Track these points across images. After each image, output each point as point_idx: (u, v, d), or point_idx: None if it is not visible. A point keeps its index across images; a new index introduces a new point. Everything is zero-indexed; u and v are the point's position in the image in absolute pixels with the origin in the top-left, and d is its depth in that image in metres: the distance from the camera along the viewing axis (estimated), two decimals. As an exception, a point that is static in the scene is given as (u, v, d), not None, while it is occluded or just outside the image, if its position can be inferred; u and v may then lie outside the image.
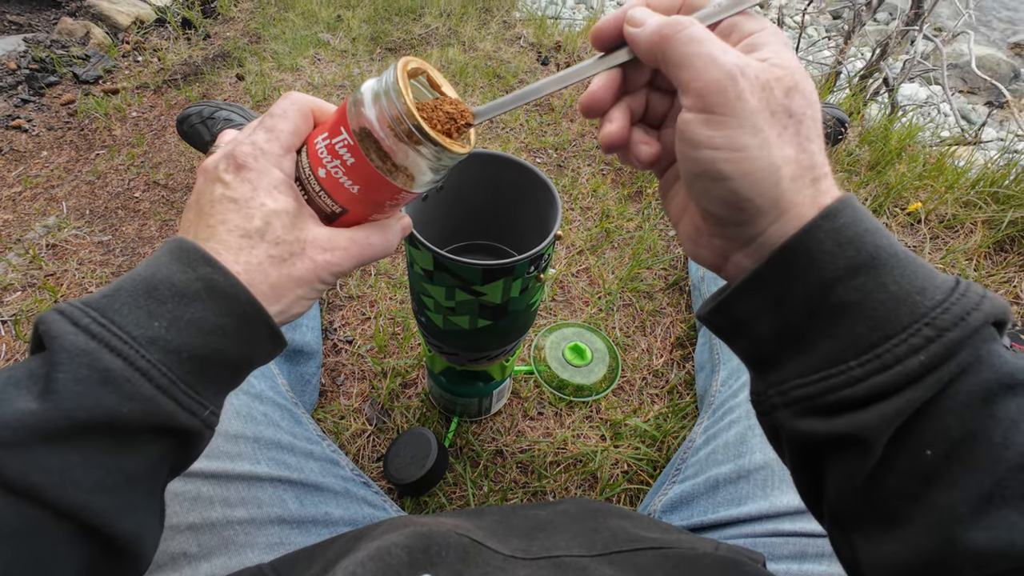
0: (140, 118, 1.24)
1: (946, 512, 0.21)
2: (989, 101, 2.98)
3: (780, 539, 0.47)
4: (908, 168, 1.13)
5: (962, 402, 0.21)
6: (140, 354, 0.24)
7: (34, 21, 1.52)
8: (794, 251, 0.23)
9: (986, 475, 0.20)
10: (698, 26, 0.24)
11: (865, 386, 0.22)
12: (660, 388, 0.81)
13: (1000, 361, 0.21)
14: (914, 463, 0.21)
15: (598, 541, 0.38)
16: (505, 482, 0.70)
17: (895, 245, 0.23)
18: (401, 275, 0.92)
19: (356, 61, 1.40)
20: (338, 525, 0.50)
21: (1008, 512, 0.19)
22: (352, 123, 0.28)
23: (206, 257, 0.27)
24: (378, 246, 0.32)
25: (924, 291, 0.22)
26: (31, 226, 0.99)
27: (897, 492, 0.22)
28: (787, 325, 0.24)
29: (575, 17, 1.99)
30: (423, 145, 0.28)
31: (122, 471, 0.24)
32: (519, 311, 0.49)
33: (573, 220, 1.04)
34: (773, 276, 0.24)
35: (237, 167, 0.29)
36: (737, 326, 0.27)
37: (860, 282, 0.22)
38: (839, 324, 0.23)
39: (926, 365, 0.21)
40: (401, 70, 0.28)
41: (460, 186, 0.50)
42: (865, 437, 0.22)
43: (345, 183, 0.30)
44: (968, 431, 0.21)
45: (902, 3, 1.90)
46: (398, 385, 0.78)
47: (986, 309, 0.21)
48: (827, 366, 0.23)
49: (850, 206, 0.23)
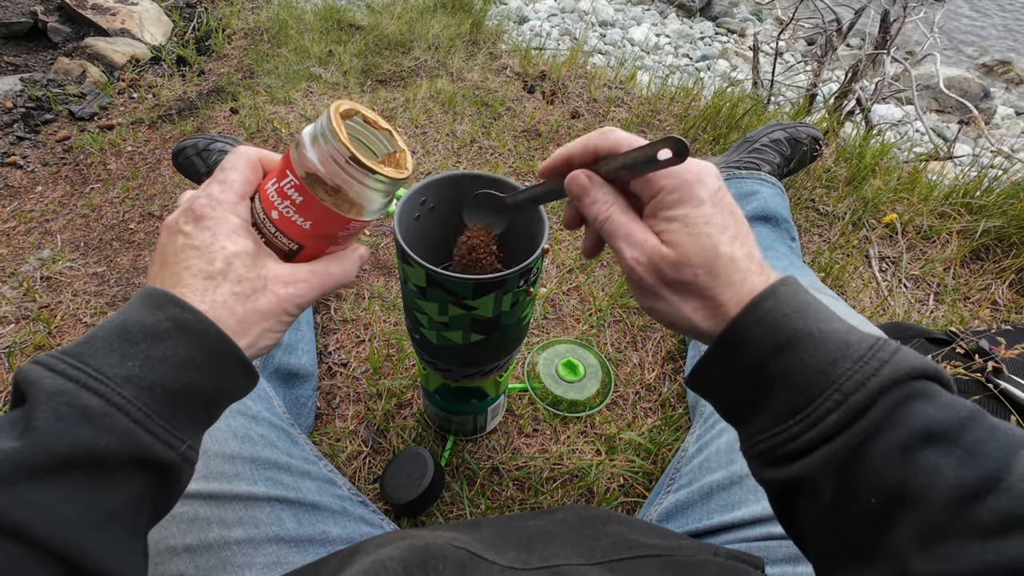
0: (135, 152, 1.26)
1: (897, 548, 0.24)
2: (961, 119, 3.08)
3: (775, 542, 0.48)
4: (883, 182, 1.17)
5: (887, 454, 0.25)
6: (116, 391, 0.25)
7: (31, 62, 1.56)
8: (730, 337, 0.30)
9: (922, 515, 0.23)
10: (614, 217, 0.33)
11: (802, 440, 0.27)
12: (653, 401, 0.82)
13: (916, 415, 0.25)
14: (864, 508, 0.25)
15: (597, 549, 0.38)
16: (502, 499, 0.70)
17: (812, 324, 0.28)
18: (394, 298, 0.94)
19: (348, 93, 1.44)
20: (336, 544, 0.50)
21: (946, 545, 0.23)
22: (296, 166, 0.32)
23: (174, 299, 0.28)
24: (337, 275, 0.35)
25: (836, 361, 0.27)
26: (25, 259, 1.00)
27: (858, 533, 0.26)
28: (743, 392, 0.30)
29: (559, 48, 2.07)
30: (361, 174, 0.31)
31: (103, 506, 0.25)
32: (511, 325, 0.50)
33: (563, 240, 1.06)
34: (720, 355, 0.31)
35: (196, 218, 0.31)
36: (709, 390, 0.33)
37: (783, 358, 0.28)
38: (776, 392, 0.28)
39: (840, 423, 0.26)
40: (334, 112, 0.31)
41: (451, 207, 0.52)
42: (812, 479, 0.27)
43: (297, 221, 0.33)
44: (898, 479, 0.24)
45: (871, 29, 1.99)
46: (393, 406, 0.79)
47: (885, 373, 0.26)
48: (775, 425, 0.28)
49: (772, 296, 0.29)
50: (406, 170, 0.34)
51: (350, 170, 0.31)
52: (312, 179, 0.31)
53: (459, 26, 1.71)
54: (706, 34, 3.69)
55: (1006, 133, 2.93)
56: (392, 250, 1.03)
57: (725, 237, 0.31)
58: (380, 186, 0.32)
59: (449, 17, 1.76)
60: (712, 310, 0.31)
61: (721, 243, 0.31)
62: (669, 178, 0.31)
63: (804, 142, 1.03)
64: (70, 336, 0.88)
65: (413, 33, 1.66)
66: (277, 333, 0.33)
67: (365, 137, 0.36)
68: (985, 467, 0.23)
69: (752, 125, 1.30)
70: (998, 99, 3.34)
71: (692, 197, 0.31)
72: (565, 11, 3.58)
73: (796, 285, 0.30)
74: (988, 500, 0.22)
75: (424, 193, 0.50)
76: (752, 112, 1.34)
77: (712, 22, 3.86)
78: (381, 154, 0.36)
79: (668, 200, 0.32)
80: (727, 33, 3.82)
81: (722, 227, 0.31)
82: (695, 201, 0.31)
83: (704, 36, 3.67)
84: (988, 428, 0.24)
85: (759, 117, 1.36)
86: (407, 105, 1.39)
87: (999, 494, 0.22)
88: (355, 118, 0.34)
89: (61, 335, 0.88)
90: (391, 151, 0.36)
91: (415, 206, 0.50)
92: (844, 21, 1.94)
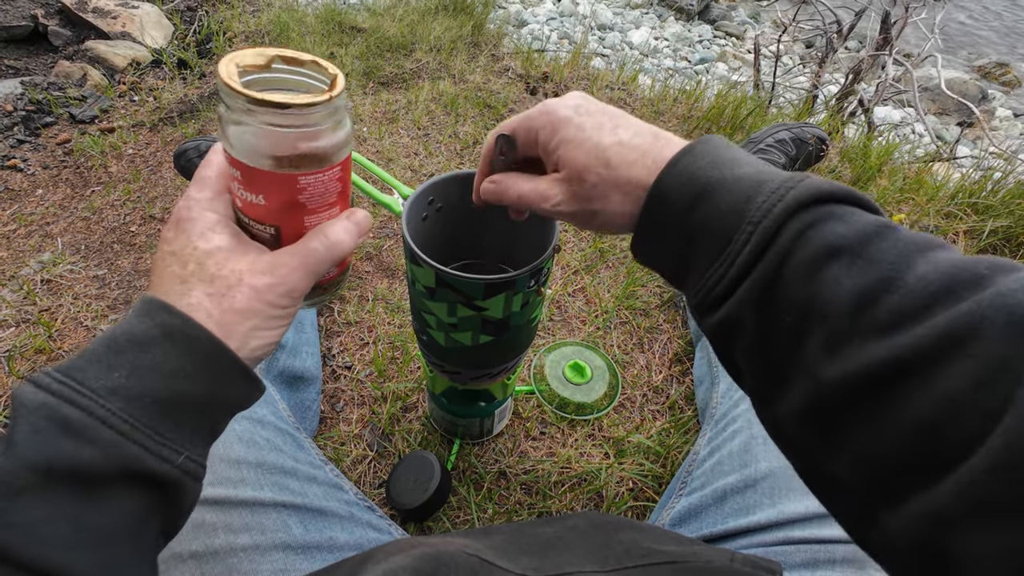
0: (136, 155, 1.25)
1: (809, 361, 0.24)
2: (960, 121, 3.09)
3: (791, 547, 0.47)
4: (890, 182, 1.17)
5: (796, 274, 0.25)
6: (99, 404, 0.24)
7: (31, 65, 1.55)
8: (653, 197, 0.30)
9: (826, 325, 0.24)
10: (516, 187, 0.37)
11: (726, 280, 0.27)
12: (661, 404, 0.81)
13: (822, 234, 0.25)
14: (782, 329, 0.26)
15: (611, 556, 0.37)
16: (510, 504, 0.69)
17: (728, 171, 0.29)
18: (399, 300, 0.93)
19: (349, 94, 1.43)
20: (343, 550, 0.49)
21: (848, 347, 0.23)
22: (221, 140, 0.30)
23: (164, 305, 0.27)
24: (321, 249, 0.31)
25: (750, 199, 0.27)
26: (25, 262, 0.99)
27: (780, 358, 0.26)
28: (677, 250, 0.30)
29: (560, 51, 2.07)
30: (252, 107, 0.27)
31: (93, 527, 0.24)
32: (520, 326, 0.49)
33: (567, 241, 1.05)
34: (650, 220, 0.31)
35: (176, 223, 0.30)
36: (649, 260, 0.33)
37: (702, 207, 0.28)
38: (701, 241, 0.29)
39: (754, 253, 0.26)
40: (223, 69, 0.28)
41: (459, 206, 0.51)
42: (738, 317, 0.27)
43: (252, 199, 0.30)
44: (807, 294, 0.25)
45: (871, 31, 2.00)
46: (398, 409, 0.78)
47: (791, 196, 0.26)
48: (705, 271, 0.28)
49: (688, 153, 0.30)
50: (331, 89, 0.29)
51: (241, 107, 0.27)
52: (227, 144, 0.28)
53: (460, 28, 1.71)
54: (704, 37, 3.70)
55: (1004, 135, 2.94)
56: (395, 252, 1.02)
57: (604, 132, 0.32)
58: (290, 120, 0.27)
59: (450, 19, 1.76)
60: (630, 192, 0.32)
61: (601, 137, 0.32)
62: (541, 127, 0.35)
63: (809, 142, 1.03)
64: (71, 339, 0.87)
65: (415, 35, 1.66)
66: (270, 331, 0.30)
67: (289, 83, 0.31)
68: (882, 271, 0.23)
69: (756, 126, 1.30)
70: (996, 101, 3.36)
71: (558, 121, 0.34)
72: (564, 15, 3.59)
73: (717, 141, 0.31)
74: (884, 299, 0.22)
75: (432, 192, 0.49)
76: (755, 114, 1.33)
77: (710, 25, 3.87)
78: (320, 92, 0.30)
79: (545, 139, 0.34)
80: (725, 36, 3.83)
81: (596, 126, 0.33)
82: (562, 123, 0.33)
83: (703, 39, 3.68)
84: (892, 239, 0.24)
85: (762, 118, 1.35)
86: (409, 107, 1.39)
87: (893, 292, 0.22)
88: (275, 64, 0.30)
89: (62, 338, 0.87)
90: (327, 82, 0.31)
91: (423, 206, 0.49)
92: (844, 23, 1.95)
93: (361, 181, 0.84)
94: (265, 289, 0.29)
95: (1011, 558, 0.18)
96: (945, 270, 0.22)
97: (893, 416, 0.21)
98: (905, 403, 0.21)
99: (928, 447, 0.20)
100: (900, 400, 0.21)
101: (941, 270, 0.22)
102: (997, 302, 0.20)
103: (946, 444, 0.20)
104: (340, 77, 0.30)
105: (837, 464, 0.24)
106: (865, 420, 0.22)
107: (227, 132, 0.29)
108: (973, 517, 0.19)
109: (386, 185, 0.86)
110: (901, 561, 0.23)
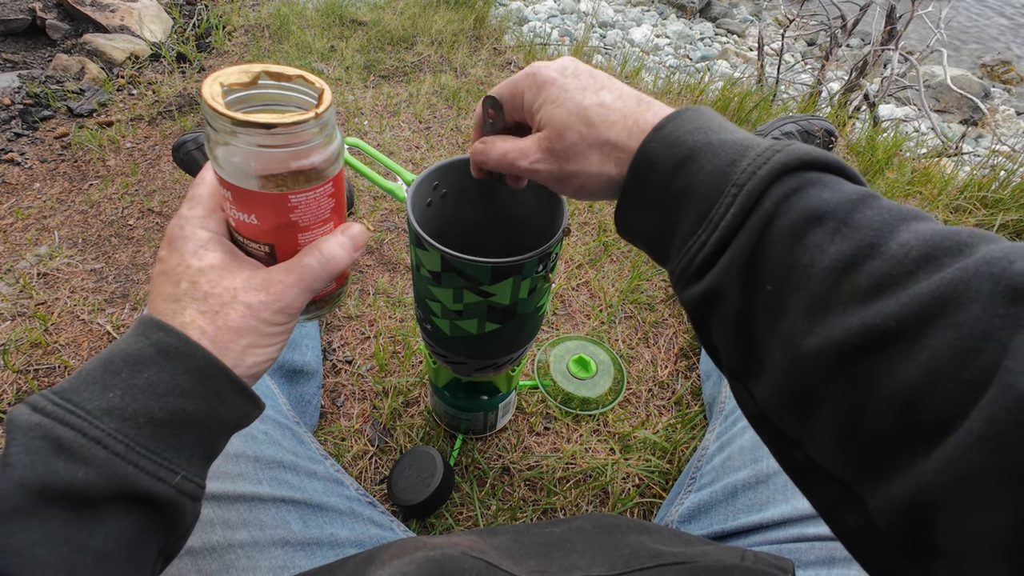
0: (134, 148, 1.24)
1: (789, 331, 0.23)
2: (964, 119, 3.08)
3: (805, 544, 0.46)
4: (899, 174, 1.15)
5: (779, 240, 0.24)
6: (93, 425, 0.24)
7: (29, 59, 1.54)
8: (639, 161, 0.30)
9: (807, 292, 0.23)
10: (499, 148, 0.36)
11: (709, 246, 0.26)
12: (667, 399, 0.80)
13: (807, 200, 0.24)
14: (763, 300, 0.25)
15: (619, 559, 0.36)
16: (514, 500, 0.68)
17: (713, 135, 0.28)
18: (400, 294, 0.91)
19: (351, 88, 1.42)
20: (344, 547, 0.48)
21: (829, 315, 0.22)
22: (211, 160, 0.29)
23: (159, 324, 0.27)
24: (316, 265, 0.30)
25: (734, 162, 0.26)
26: (22, 256, 0.97)
27: (760, 329, 0.25)
28: (660, 218, 0.29)
29: (561, 48, 2.05)
30: (237, 129, 0.26)
31: (89, 548, 0.23)
32: (527, 314, 0.48)
33: (572, 236, 1.04)
34: (633, 186, 0.30)
35: (168, 242, 0.30)
36: (633, 231, 0.32)
37: (687, 171, 0.28)
38: (685, 206, 0.28)
39: (738, 217, 0.25)
40: (207, 91, 0.27)
41: (463, 192, 0.49)
42: (721, 286, 0.26)
43: (244, 219, 0.30)
44: (789, 263, 0.24)
45: (874, 28, 1.98)
46: (400, 404, 0.76)
47: (777, 159, 0.25)
48: (688, 238, 0.27)
49: (676, 118, 0.29)
50: (319, 105, 0.28)
51: (228, 130, 0.26)
52: (217, 167, 0.28)
53: (462, 22, 1.70)
54: (706, 35, 3.69)
55: (1007, 132, 2.93)
56: (396, 246, 1.01)
57: (587, 93, 0.32)
58: (277, 140, 0.27)
59: (452, 13, 1.75)
60: (609, 153, 0.31)
61: (584, 98, 0.32)
62: (527, 87, 0.35)
63: (817, 135, 1.02)
64: (67, 333, 0.85)
65: (416, 28, 1.65)
66: (266, 348, 0.30)
67: (276, 99, 0.30)
68: (864, 237, 0.22)
69: (761, 119, 1.28)
70: (998, 99, 3.34)
71: (543, 82, 0.34)
72: (565, 12, 3.57)
73: (704, 110, 0.30)
74: (865, 266, 0.22)
75: (436, 177, 0.48)
76: (760, 107, 1.32)
77: (712, 23, 3.86)
78: (308, 107, 0.30)
79: (530, 100, 0.34)
80: (727, 34, 3.81)
81: (580, 88, 0.32)
82: (547, 84, 0.33)
83: (704, 37, 3.66)
84: (876, 207, 0.23)
85: (767, 111, 1.34)
86: (411, 100, 1.37)
87: (875, 258, 0.21)
88: (261, 80, 0.30)
89: (58, 332, 0.85)
90: (315, 96, 0.30)
91: (427, 191, 0.48)
92: (848, 19, 1.93)
93: (364, 167, 0.83)
94: (260, 306, 0.29)
95: (994, 538, 0.17)
96: (927, 237, 0.21)
97: (875, 388, 0.20)
98: (889, 374, 0.20)
99: (911, 421, 0.19)
100: (883, 370, 0.20)
101: (923, 237, 0.21)
102: (983, 270, 0.19)
103: (930, 417, 0.19)
104: (327, 92, 0.29)
105: (816, 443, 0.23)
106: (846, 392, 0.21)
107: (215, 153, 0.28)
108: (957, 494, 0.18)
109: (390, 172, 0.84)
110: (881, 548, 0.21)
